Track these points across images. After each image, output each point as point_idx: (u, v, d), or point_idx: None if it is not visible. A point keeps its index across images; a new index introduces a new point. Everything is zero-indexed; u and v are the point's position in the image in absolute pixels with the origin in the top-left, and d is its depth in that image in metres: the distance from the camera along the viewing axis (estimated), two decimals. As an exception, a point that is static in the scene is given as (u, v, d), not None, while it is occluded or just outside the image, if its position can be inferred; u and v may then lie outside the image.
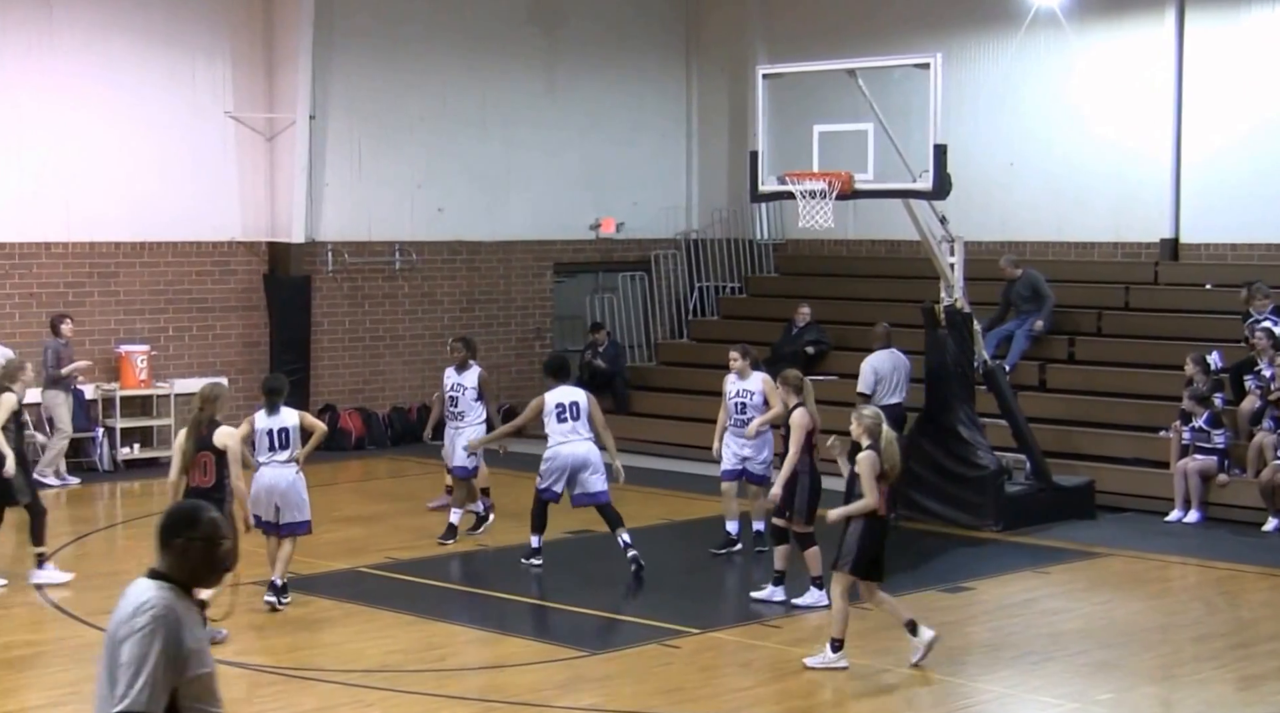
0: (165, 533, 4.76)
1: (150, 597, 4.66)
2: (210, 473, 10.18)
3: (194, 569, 4.75)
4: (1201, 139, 17.73)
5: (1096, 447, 15.75)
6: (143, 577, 4.80)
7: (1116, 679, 9.73)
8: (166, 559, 4.74)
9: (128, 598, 4.71)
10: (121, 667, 4.58)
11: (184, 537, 4.74)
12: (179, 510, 4.88)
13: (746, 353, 12.56)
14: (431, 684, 9.53)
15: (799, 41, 20.37)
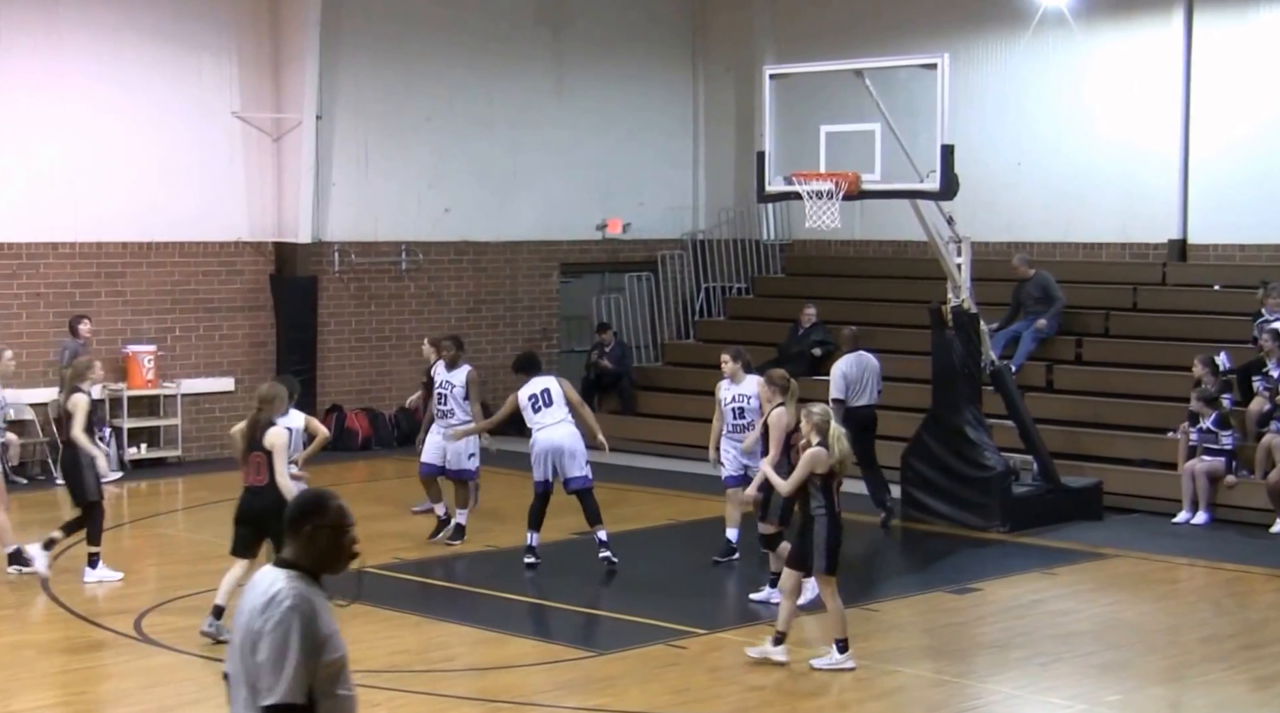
0: (293, 521, 4.78)
1: (281, 587, 4.69)
2: (264, 472, 10.21)
3: (321, 556, 4.78)
4: (1210, 139, 17.70)
5: (1104, 448, 15.72)
6: (269, 565, 4.84)
7: (1125, 681, 9.71)
8: (294, 547, 4.77)
9: (257, 589, 4.74)
10: (264, 662, 4.62)
11: (311, 524, 4.76)
12: (305, 499, 4.89)
13: (738, 356, 12.38)
14: (438, 685, 9.52)
15: (806, 42, 20.35)
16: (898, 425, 16.35)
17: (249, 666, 4.67)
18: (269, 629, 4.63)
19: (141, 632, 10.65)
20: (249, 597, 4.76)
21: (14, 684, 9.50)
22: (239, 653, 4.72)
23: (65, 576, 12.36)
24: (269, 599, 4.67)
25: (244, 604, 4.77)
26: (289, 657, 4.61)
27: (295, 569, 4.75)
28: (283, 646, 4.62)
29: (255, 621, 4.66)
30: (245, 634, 4.69)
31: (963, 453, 14.30)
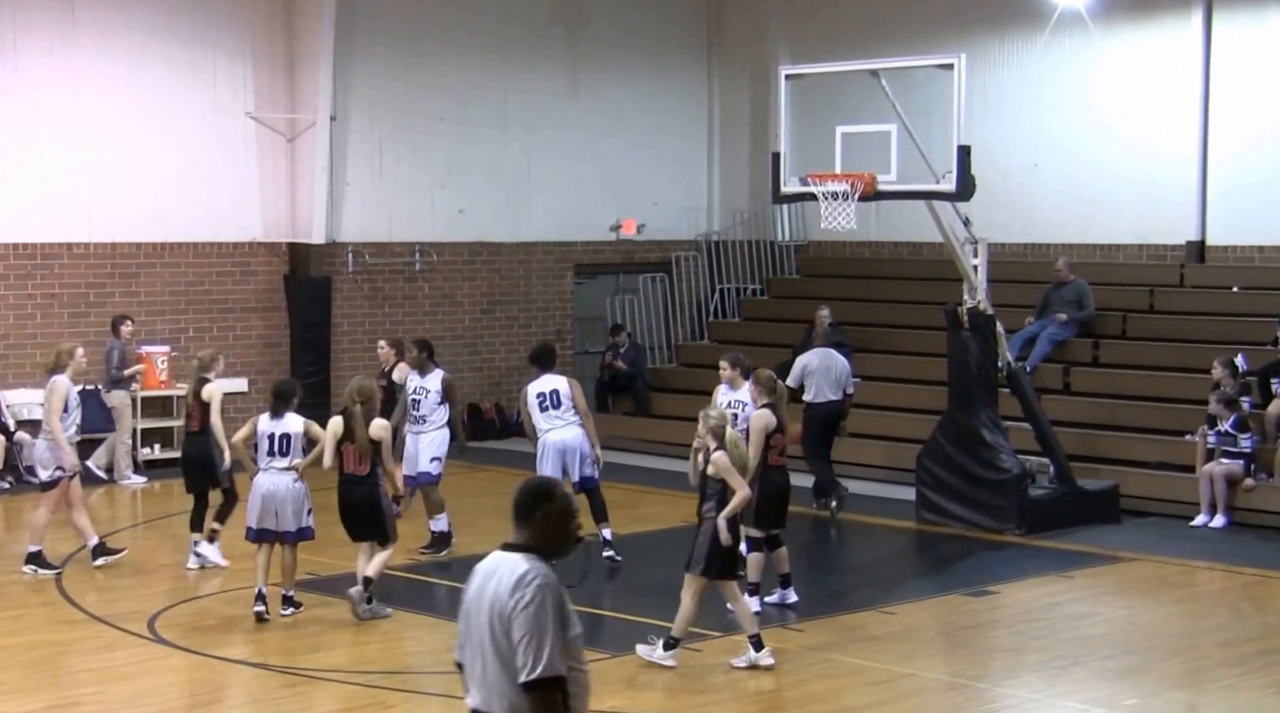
0: (524, 508, 5.01)
1: (528, 567, 4.88)
2: (366, 463, 10.65)
3: (552, 539, 4.99)
4: (1229, 140, 17.61)
5: (1121, 450, 15.64)
6: (499, 551, 5.01)
7: (1142, 685, 9.66)
8: (526, 532, 4.99)
9: (499, 574, 4.90)
10: (521, 639, 4.78)
11: (543, 510, 4.99)
12: (535, 487, 5.10)
13: (737, 362, 12.23)
14: (454, 686, 9.45)
15: (822, 42, 20.30)
16: (913, 427, 16.32)
17: (500, 647, 4.83)
18: (522, 607, 4.80)
19: (155, 632, 10.65)
20: (486, 583, 4.92)
21: (29, 684, 9.51)
22: (483, 635, 4.88)
23: (79, 576, 12.37)
24: (518, 580, 4.85)
25: (481, 590, 4.93)
26: (547, 632, 4.79)
27: (527, 552, 4.94)
28: (539, 622, 4.80)
29: (504, 602, 4.83)
30: (491, 617, 4.85)
31: (979, 455, 14.24)
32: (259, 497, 10.82)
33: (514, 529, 5.02)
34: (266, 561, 10.86)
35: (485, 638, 4.89)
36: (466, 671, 5.00)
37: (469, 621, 4.99)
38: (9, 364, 16.92)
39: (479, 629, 4.92)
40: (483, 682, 4.91)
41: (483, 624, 4.90)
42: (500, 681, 4.85)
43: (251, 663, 10.00)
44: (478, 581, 5.00)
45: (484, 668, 4.90)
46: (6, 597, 11.81)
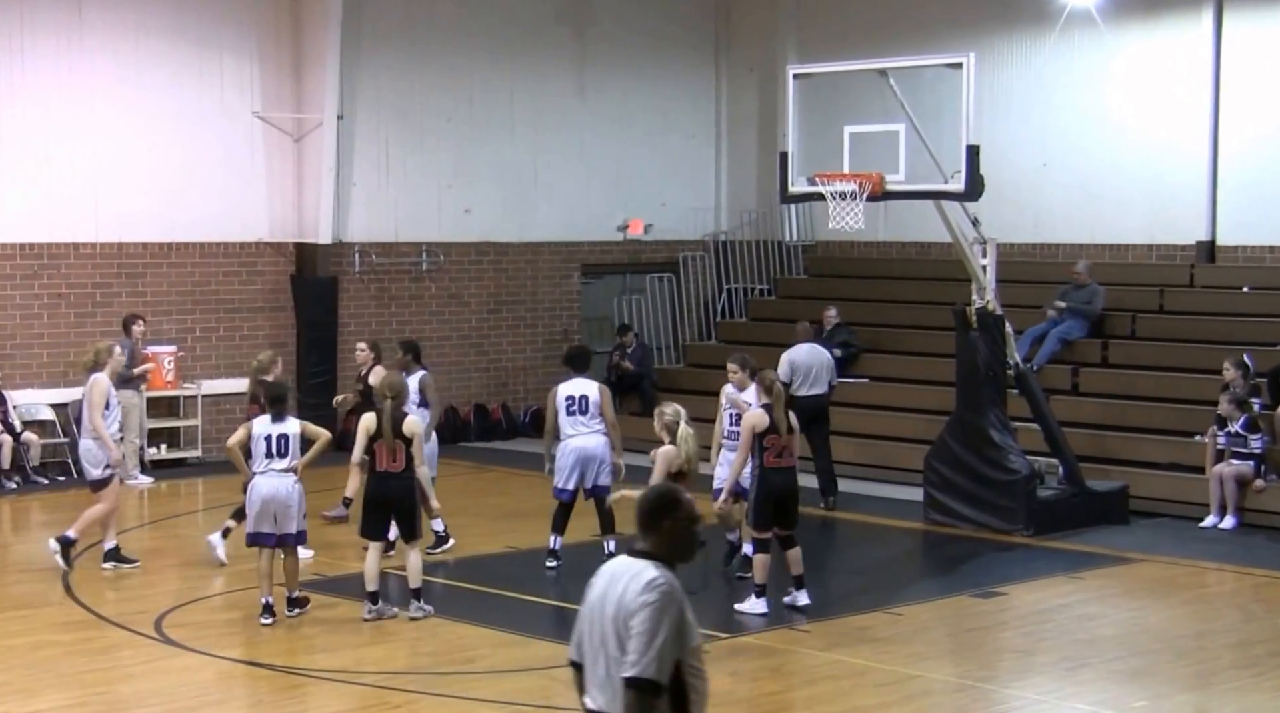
0: (651, 516, 5.06)
1: (657, 574, 4.96)
2: (400, 458, 10.62)
3: (677, 547, 5.07)
4: (1239, 140, 17.55)
5: (1130, 451, 15.59)
6: (625, 556, 5.09)
7: (1151, 687, 9.61)
8: (653, 540, 5.05)
9: (625, 579, 4.98)
10: (634, 635, 4.87)
11: (671, 518, 5.05)
12: (659, 496, 5.15)
13: (745, 364, 12.13)
14: (459, 687, 9.47)
15: (829, 41, 20.26)
16: (921, 428, 16.29)
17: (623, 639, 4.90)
18: (645, 607, 4.88)
19: (162, 632, 10.63)
20: (609, 585, 5.01)
21: (35, 684, 9.49)
22: (606, 638, 4.96)
23: (87, 576, 12.36)
24: (646, 583, 4.93)
25: (605, 594, 5.01)
26: (660, 636, 4.86)
27: (654, 559, 5.01)
28: (656, 625, 4.86)
29: (630, 602, 4.91)
30: (616, 621, 4.93)
31: (987, 456, 14.19)
32: (259, 500, 10.69)
33: (640, 537, 5.10)
34: (269, 567, 10.74)
35: (609, 641, 4.97)
36: (586, 672, 5.09)
37: (591, 622, 5.07)
38: (16, 364, 16.92)
39: (601, 632, 5.01)
40: (605, 684, 5.00)
41: (606, 628, 4.98)
42: (605, 679, 4.97)
43: (257, 664, 9.98)
44: (601, 583, 5.08)
45: (606, 671, 4.99)
46: (13, 597, 11.81)
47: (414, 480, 10.77)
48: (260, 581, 10.78)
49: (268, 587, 10.73)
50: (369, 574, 10.85)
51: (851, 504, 15.17)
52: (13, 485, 16.29)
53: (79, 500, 15.82)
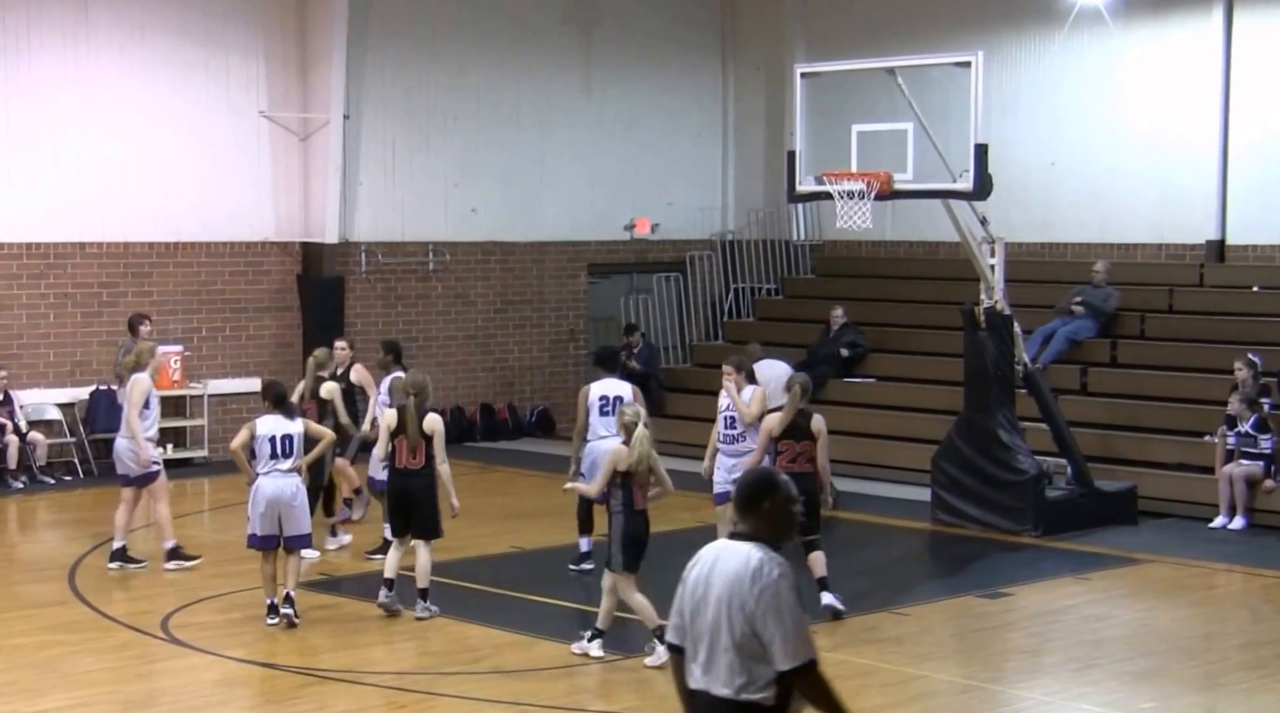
0: (750, 499, 5.21)
1: (762, 556, 5.09)
2: (420, 455, 10.75)
3: (778, 528, 5.21)
4: (1249, 138, 17.47)
5: (1139, 451, 15.54)
6: (724, 539, 5.22)
7: (1160, 688, 9.57)
8: (752, 522, 5.20)
9: (731, 563, 5.10)
10: (773, 629, 5.00)
11: (769, 500, 5.19)
12: (758, 479, 5.31)
13: (740, 367, 12.04)
14: (466, 687, 9.45)
15: (837, 40, 20.22)
16: (929, 428, 16.24)
17: (737, 634, 5.03)
18: (769, 599, 5.01)
19: (168, 632, 10.62)
20: (711, 569, 5.13)
21: (42, 684, 9.49)
22: (716, 621, 5.07)
23: (94, 575, 12.35)
24: (755, 570, 5.05)
25: (708, 577, 5.13)
26: (793, 618, 5.03)
27: (756, 541, 5.14)
28: (788, 611, 5.03)
29: (744, 593, 5.02)
30: (728, 604, 5.05)
31: (995, 456, 14.15)
32: (264, 501, 10.60)
33: (740, 520, 5.23)
34: (273, 570, 10.69)
35: (719, 624, 5.08)
36: (691, 653, 5.19)
37: (694, 604, 5.17)
38: (23, 364, 16.91)
39: (708, 615, 5.11)
40: (710, 665, 5.12)
41: (716, 611, 5.09)
42: (734, 664, 5.06)
43: (264, 663, 9.96)
44: (704, 567, 5.19)
45: (711, 652, 5.11)
46: (20, 596, 11.81)
47: (434, 478, 10.83)
48: (265, 583, 10.74)
49: (272, 588, 10.70)
50: (389, 563, 10.97)
51: (858, 504, 15.13)
52: (19, 485, 16.29)
53: (85, 500, 15.90)
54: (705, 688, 5.14)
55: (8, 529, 14.98)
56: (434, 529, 10.94)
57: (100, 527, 14.69)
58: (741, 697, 5.07)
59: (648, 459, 9.77)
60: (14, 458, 16.27)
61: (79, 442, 17.01)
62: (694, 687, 5.18)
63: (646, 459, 9.76)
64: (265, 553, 10.68)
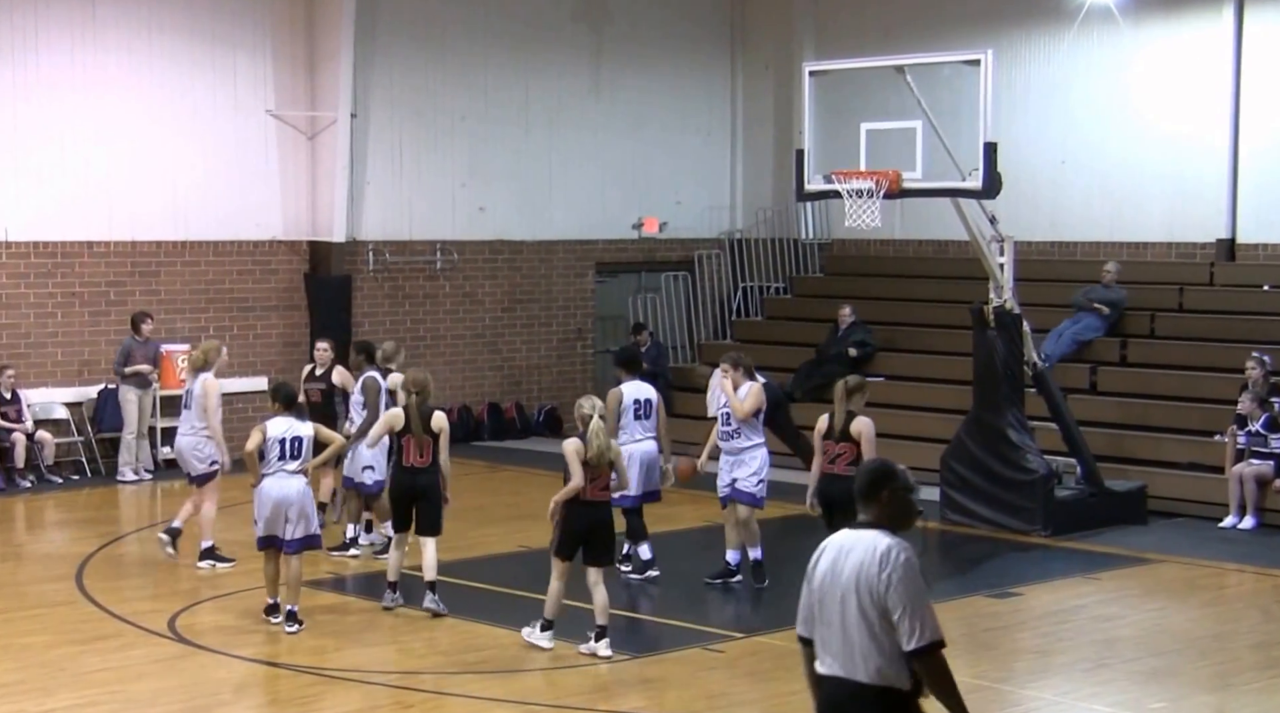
0: (870, 488, 5.40)
1: (888, 542, 5.29)
2: (428, 454, 10.80)
3: (898, 515, 5.40)
4: (1260, 137, 17.42)
5: (1149, 451, 15.49)
6: (847, 530, 5.41)
7: (1171, 688, 9.53)
8: (873, 510, 5.39)
9: (858, 551, 5.29)
10: (901, 613, 5.19)
11: (889, 489, 5.38)
12: (876, 468, 5.50)
13: (738, 364, 11.92)
14: (474, 687, 9.43)
15: (846, 38, 20.19)
16: (938, 427, 16.20)
17: (869, 618, 5.22)
18: (896, 583, 5.20)
19: (176, 632, 10.60)
20: (838, 558, 5.33)
21: (50, 683, 9.47)
22: (846, 608, 5.26)
23: (102, 575, 12.34)
24: (883, 555, 5.24)
25: (836, 566, 5.32)
26: (921, 600, 5.22)
27: (879, 529, 5.33)
28: (916, 593, 5.22)
29: (873, 578, 5.22)
30: (857, 591, 5.24)
31: (1004, 455, 14.11)
32: (270, 502, 10.50)
33: (860, 509, 5.40)
34: (275, 572, 10.62)
35: (850, 610, 5.27)
36: (821, 641, 5.37)
37: (822, 594, 5.36)
38: (30, 363, 16.91)
39: (838, 602, 5.30)
40: (842, 651, 5.29)
41: (846, 598, 5.28)
42: (867, 649, 5.24)
43: (271, 663, 9.95)
44: (829, 557, 5.38)
45: (844, 638, 5.28)
46: (27, 596, 11.80)
47: (439, 475, 10.86)
48: (267, 583, 10.69)
49: (274, 589, 10.65)
50: (391, 565, 11.01)
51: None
52: (27, 484, 16.29)
53: (92, 500, 15.90)
54: (839, 674, 5.30)
55: (15, 528, 14.97)
56: (437, 527, 10.96)
57: (107, 526, 14.71)
58: (877, 682, 5.23)
59: (608, 452, 9.88)
60: (21, 457, 16.27)
61: (86, 441, 17.01)
62: (826, 673, 5.35)
63: (606, 452, 9.86)
64: (268, 554, 10.63)
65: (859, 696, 5.26)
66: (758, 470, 11.71)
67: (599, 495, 9.92)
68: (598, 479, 9.89)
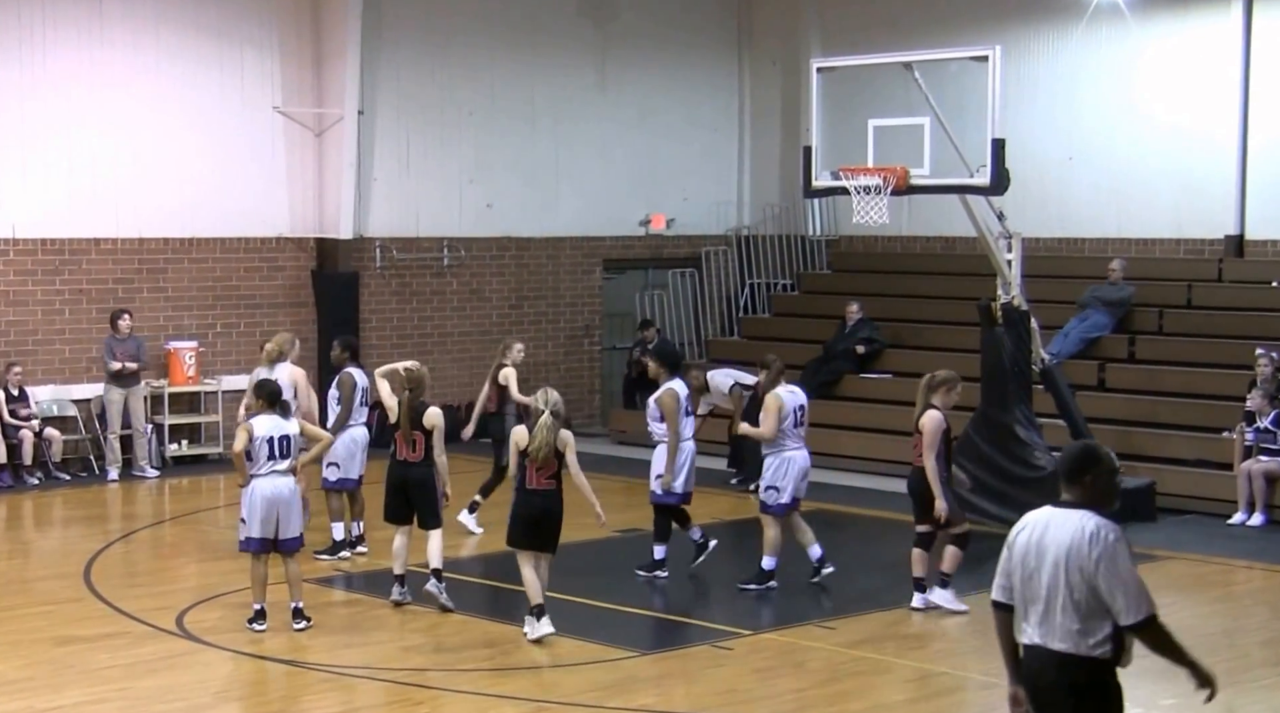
0: (1075, 471, 5.79)
1: (1096, 522, 5.65)
2: (419, 449, 10.84)
3: (1101, 497, 5.76)
4: (1268, 133, 17.36)
5: (1157, 448, 15.46)
6: (1049, 507, 5.78)
7: (1180, 684, 9.31)
8: (1077, 492, 5.77)
9: (1065, 528, 5.66)
10: (1114, 586, 5.57)
11: (1093, 472, 5.75)
12: (1082, 451, 5.89)
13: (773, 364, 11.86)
14: (482, 684, 9.42)
15: (854, 34, 20.16)
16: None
17: (1076, 592, 5.61)
18: (1107, 563, 5.57)
19: (184, 628, 10.60)
20: (1042, 534, 5.72)
21: (59, 679, 9.47)
22: (1053, 581, 5.66)
23: (110, 572, 12.35)
24: (1092, 535, 5.61)
25: (1041, 542, 5.71)
26: (1135, 575, 5.58)
27: (1084, 509, 5.68)
28: (1126, 571, 5.58)
29: (1084, 555, 5.60)
30: (1065, 566, 5.63)
31: (1013, 452, 14.08)
32: (262, 502, 10.32)
33: (1065, 490, 5.78)
34: (266, 574, 10.47)
35: (1058, 585, 5.66)
36: (1024, 611, 5.79)
37: (1025, 567, 5.77)
38: (38, 360, 16.92)
39: (1044, 577, 5.69)
40: (1046, 620, 5.70)
41: (1053, 574, 5.66)
42: (1073, 622, 5.64)
43: (279, 660, 9.94)
44: (1031, 533, 5.78)
45: (1048, 609, 5.69)
46: (35, 592, 11.81)
47: (432, 470, 10.88)
48: (256, 586, 10.48)
49: (261, 592, 10.46)
50: (397, 558, 11.03)
51: (875, 501, 15.08)
52: (35, 481, 16.30)
53: (100, 497, 15.91)
54: (1042, 643, 5.72)
55: (23, 525, 14.99)
56: (437, 519, 11.00)
57: (115, 523, 14.72)
58: (1080, 652, 5.64)
59: (547, 448, 9.98)
60: (29, 454, 16.28)
61: (93, 438, 17.01)
62: (1027, 642, 5.78)
63: (545, 448, 9.97)
64: (259, 556, 10.41)
65: (1064, 665, 5.66)
66: (768, 478, 11.61)
67: (544, 485, 10.08)
68: (543, 469, 10.05)
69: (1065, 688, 5.69)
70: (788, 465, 11.50)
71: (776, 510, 11.52)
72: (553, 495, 10.14)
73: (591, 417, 20.57)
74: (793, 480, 11.52)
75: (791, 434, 11.54)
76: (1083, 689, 5.69)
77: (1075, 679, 5.68)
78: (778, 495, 11.50)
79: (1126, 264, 17.32)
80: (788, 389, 11.68)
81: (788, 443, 11.52)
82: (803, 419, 11.64)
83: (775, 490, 11.51)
